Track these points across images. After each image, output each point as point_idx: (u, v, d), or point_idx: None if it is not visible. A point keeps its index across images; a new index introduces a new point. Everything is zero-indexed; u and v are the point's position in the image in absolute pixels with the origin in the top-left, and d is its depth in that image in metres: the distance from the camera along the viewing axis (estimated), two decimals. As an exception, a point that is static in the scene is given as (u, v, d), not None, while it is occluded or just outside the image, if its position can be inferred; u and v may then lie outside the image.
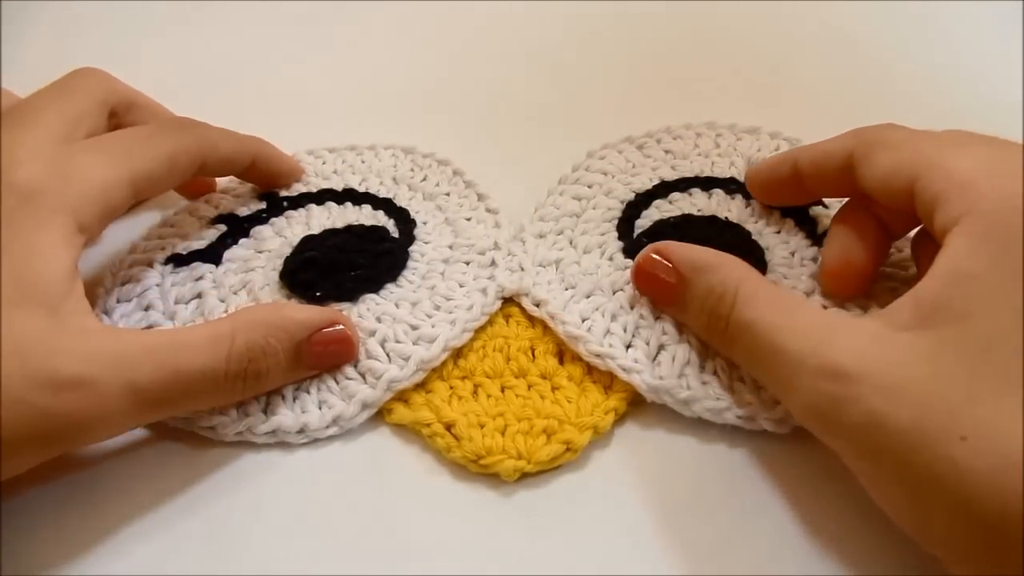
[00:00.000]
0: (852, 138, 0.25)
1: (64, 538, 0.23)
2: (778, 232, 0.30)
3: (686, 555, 0.22)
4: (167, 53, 0.43)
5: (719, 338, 0.24)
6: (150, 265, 0.29)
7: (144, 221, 0.32)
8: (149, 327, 0.27)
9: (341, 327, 0.25)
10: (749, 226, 0.30)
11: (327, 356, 0.25)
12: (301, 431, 0.25)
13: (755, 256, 0.28)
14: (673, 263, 0.25)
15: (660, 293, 0.26)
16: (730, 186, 0.31)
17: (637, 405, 0.26)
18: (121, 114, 0.30)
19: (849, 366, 0.20)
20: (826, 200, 0.30)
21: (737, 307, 0.23)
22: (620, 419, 0.25)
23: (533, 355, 0.27)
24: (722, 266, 0.24)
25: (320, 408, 0.25)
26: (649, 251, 0.26)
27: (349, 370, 0.26)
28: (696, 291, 0.24)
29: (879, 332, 0.20)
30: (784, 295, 0.24)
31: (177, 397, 0.23)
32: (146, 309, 0.28)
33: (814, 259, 0.28)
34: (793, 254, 0.29)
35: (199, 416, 0.25)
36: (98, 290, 0.29)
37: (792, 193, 0.28)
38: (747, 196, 0.31)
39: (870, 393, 0.19)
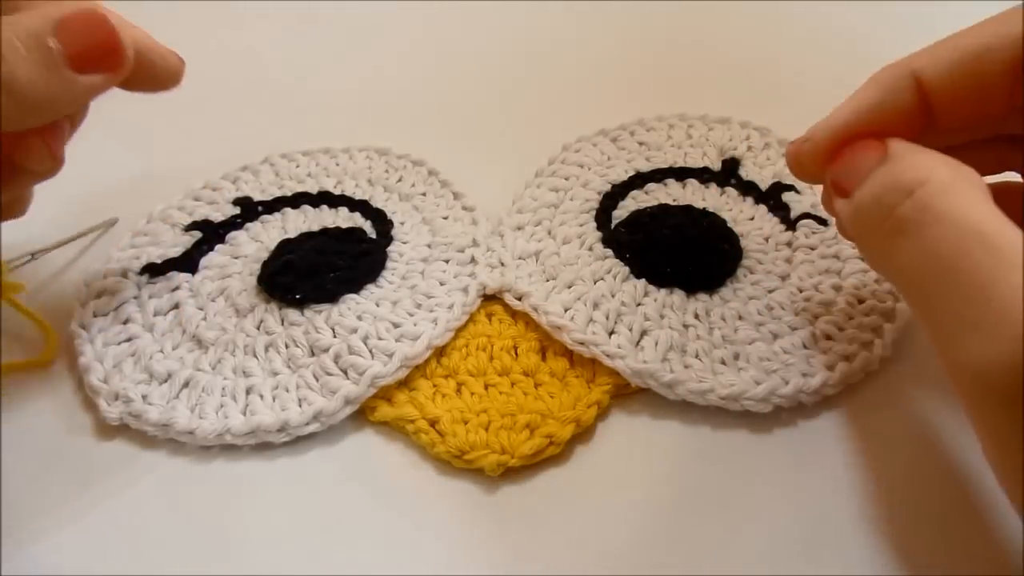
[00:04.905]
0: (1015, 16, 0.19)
1: (64, 539, 0.23)
2: (752, 218, 0.30)
3: (671, 543, 0.22)
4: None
5: (882, 233, 0.19)
6: (125, 276, 0.29)
7: (117, 231, 0.32)
8: (129, 340, 0.27)
9: (102, 15, 0.23)
10: (724, 214, 0.30)
11: (81, 33, 0.23)
12: (281, 429, 0.25)
13: (730, 242, 0.28)
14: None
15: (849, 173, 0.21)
16: (703, 175, 0.32)
17: (619, 399, 0.26)
18: None
19: None
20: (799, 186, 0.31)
21: (931, 193, 0.18)
22: (603, 414, 0.25)
23: (516, 353, 0.27)
24: (916, 154, 0.19)
25: (300, 405, 0.25)
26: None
27: (331, 366, 0.26)
28: (874, 178, 0.19)
29: None
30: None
31: None
32: (124, 322, 0.28)
33: (788, 244, 0.29)
34: (768, 239, 0.29)
35: (177, 422, 0.25)
36: (73, 303, 0.28)
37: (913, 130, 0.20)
38: (720, 185, 0.31)
39: None
